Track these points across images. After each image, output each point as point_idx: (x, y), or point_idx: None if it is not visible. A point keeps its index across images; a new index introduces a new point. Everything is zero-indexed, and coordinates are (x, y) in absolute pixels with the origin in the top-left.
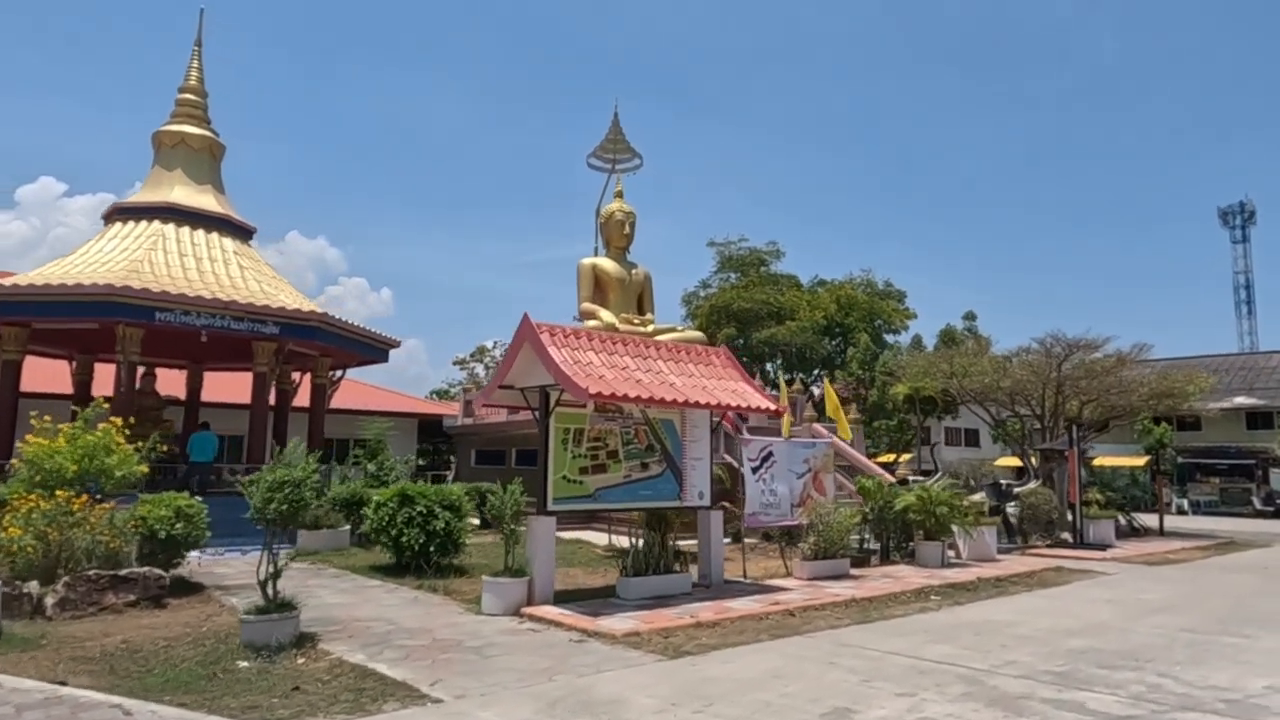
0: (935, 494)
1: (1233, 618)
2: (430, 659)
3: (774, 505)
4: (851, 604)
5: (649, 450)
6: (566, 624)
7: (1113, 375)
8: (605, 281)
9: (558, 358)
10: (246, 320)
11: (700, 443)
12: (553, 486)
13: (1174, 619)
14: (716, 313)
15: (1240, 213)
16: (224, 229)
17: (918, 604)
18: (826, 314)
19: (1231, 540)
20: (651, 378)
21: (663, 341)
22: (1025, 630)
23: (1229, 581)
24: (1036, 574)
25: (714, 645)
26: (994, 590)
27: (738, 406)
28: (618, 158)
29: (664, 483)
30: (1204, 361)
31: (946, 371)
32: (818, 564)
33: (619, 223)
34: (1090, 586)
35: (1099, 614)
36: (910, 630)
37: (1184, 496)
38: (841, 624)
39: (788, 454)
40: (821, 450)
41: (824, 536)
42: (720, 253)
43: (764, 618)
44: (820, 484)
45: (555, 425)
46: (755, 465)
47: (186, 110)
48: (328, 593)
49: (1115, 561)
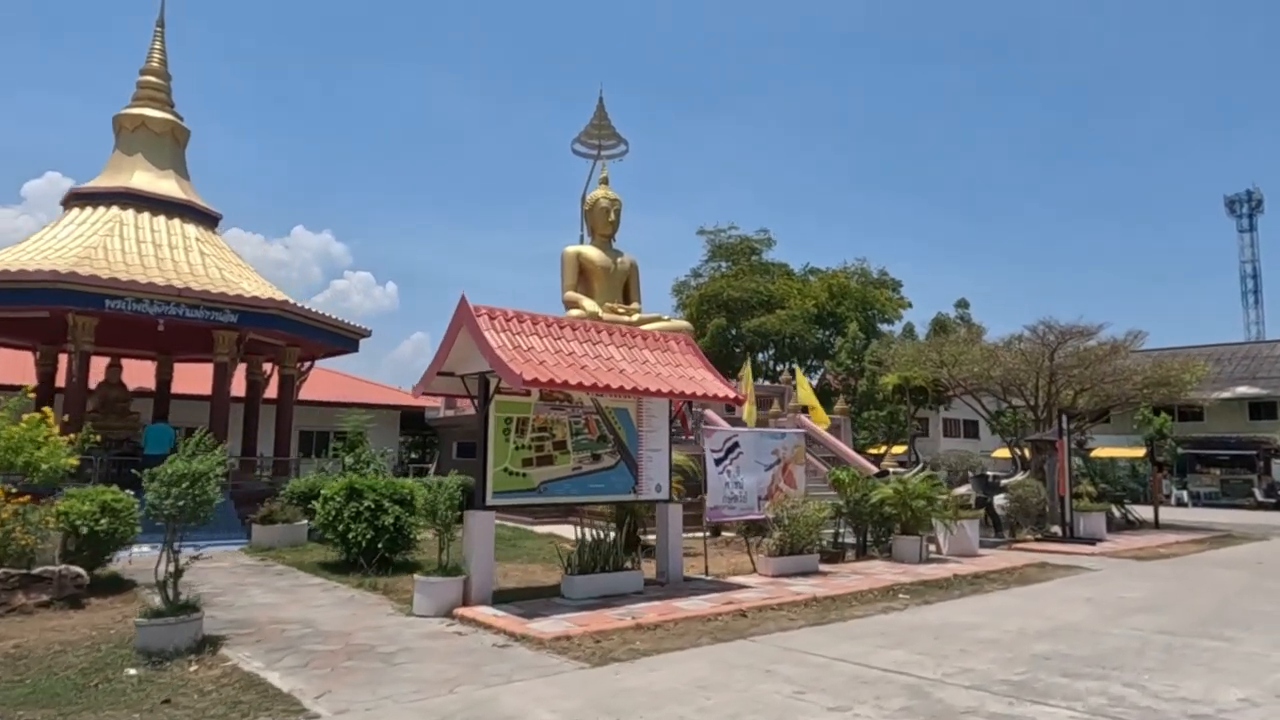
0: (913, 486)
1: (1216, 618)
2: (331, 667)
3: (739, 498)
4: (811, 603)
5: (601, 441)
6: (496, 627)
7: (1107, 363)
8: (590, 270)
9: (494, 342)
10: (202, 308)
11: (658, 433)
12: (492, 479)
13: (1153, 620)
14: (706, 302)
15: (1247, 201)
16: (186, 215)
17: (883, 603)
18: (818, 302)
19: (1228, 533)
20: (599, 364)
21: (617, 326)
22: (990, 633)
23: (1218, 578)
24: (1017, 570)
25: (647, 650)
26: (969, 588)
27: (694, 394)
28: (603, 144)
29: (617, 475)
30: (1206, 351)
31: (936, 360)
32: (783, 560)
33: (604, 210)
34: (1071, 584)
35: (1073, 614)
36: (866, 633)
37: (1184, 488)
38: (794, 626)
39: (755, 444)
40: (792, 441)
41: (790, 531)
42: (710, 241)
43: (712, 619)
44: (791, 476)
45: (496, 414)
46: (719, 456)
47: (148, 93)
48: (261, 591)
49: (1103, 556)
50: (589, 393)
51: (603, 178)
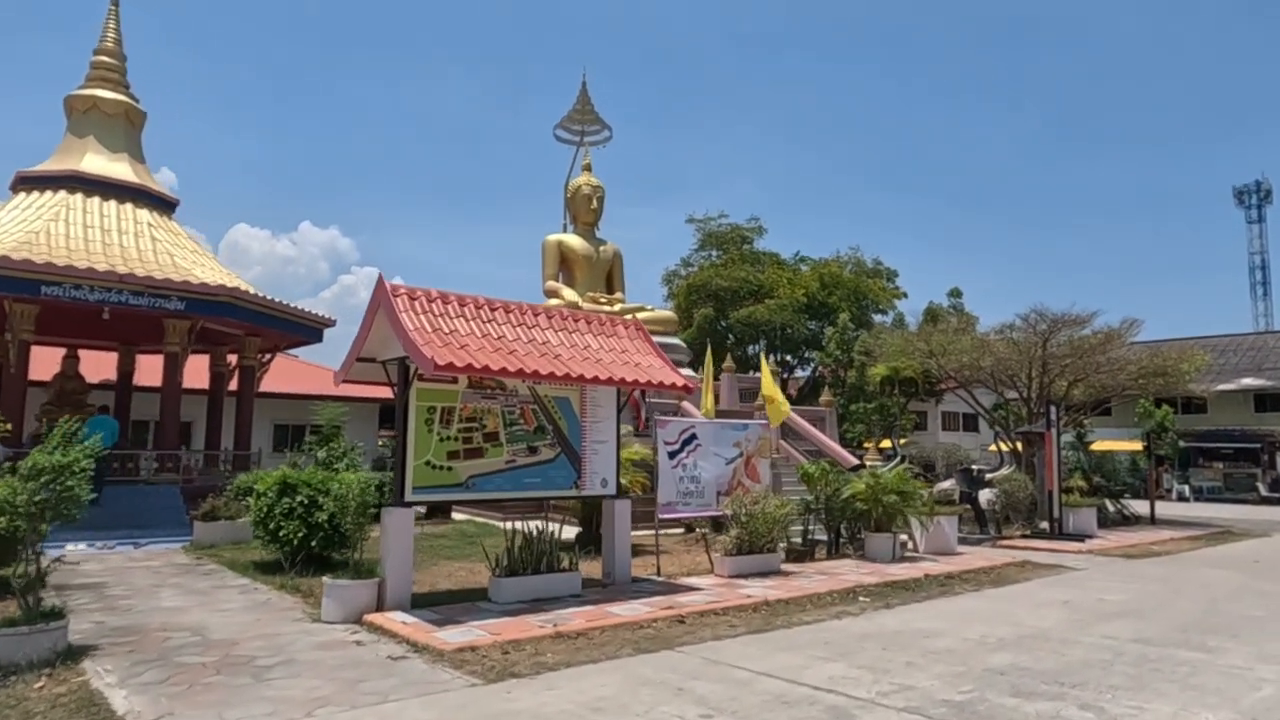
0: (886, 481)
1: (1199, 624)
2: (191, 683)
3: (695, 493)
4: (761, 608)
5: (539, 432)
6: (401, 635)
7: (1101, 353)
8: (571, 259)
9: (409, 324)
10: (147, 295)
11: (605, 424)
12: (412, 474)
13: (1130, 626)
14: (694, 292)
15: (1256, 192)
16: (140, 200)
17: (839, 607)
18: (808, 292)
19: (1228, 529)
20: (531, 349)
21: (559, 310)
22: (946, 642)
23: (1209, 578)
24: (995, 569)
25: (556, 664)
26: (938, 589)
27: (635, 382)
28: (586, 129)
29: (557, 469)
30: (1210, 341)
31: (924, 350)
32: (741, 560)
33: (586, 197)
34: (1049, 585)
35: (1044, 620)
36: (809, 643)
37: (1185, 482)
38: (734, 633)
39: (714, 436)
40: (755, 432)
41: (748, 529)
42: (700, 229)
43: (644, 626)
44: (754, 470)
45: (417, 403)
46: (674, 449)
47: (101, 73)
48: (173, 594)
49: (1090, 555)
50: (514, 379)
51: (585, 164)
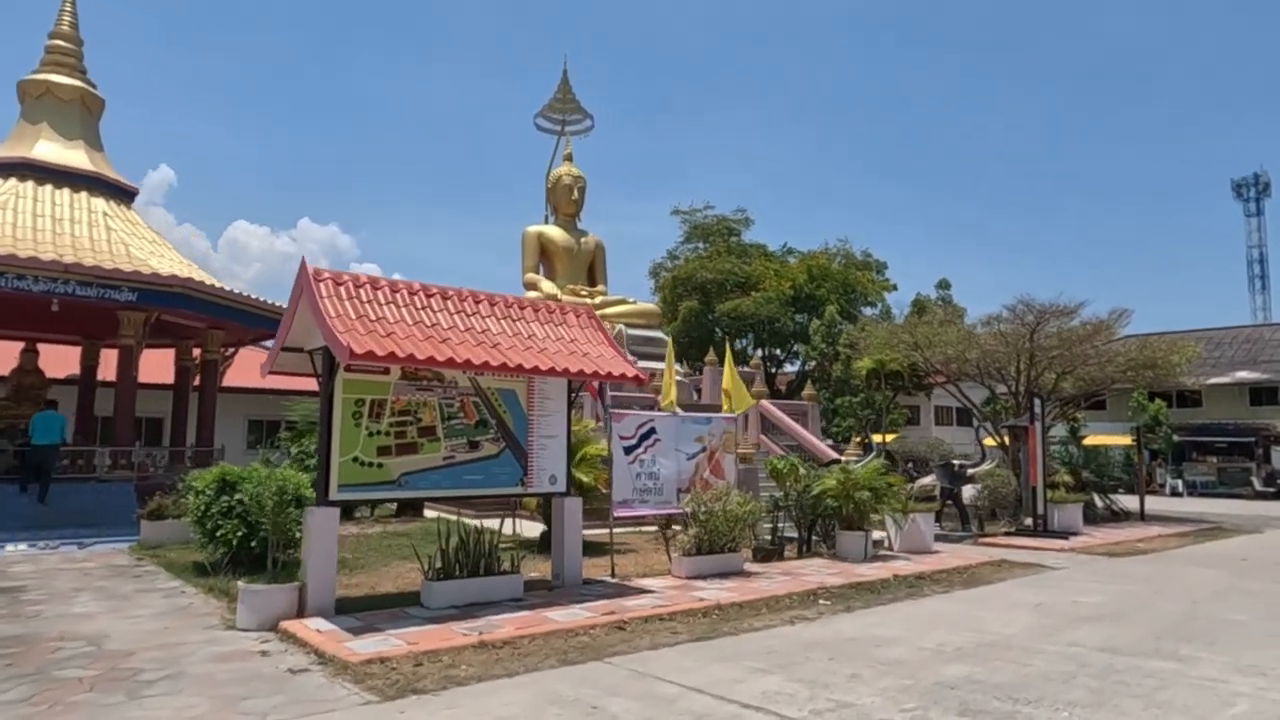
0: (858, 476)
1: (1175, 631)
2: (56, 701)
3: (653, 490)
4: (712, 612)
5: (480, 427)
6: (311, 645)
7: (1089, 344)
8: (552, 250)
9: (331, 310)
10: (96, 285)
11: (554, 417)
12: (338, 471)
13: (1101, 632)
14: (680, 284)
15: (1255, 185)
16: (95, 188)
17: (795, 611)
18: (795, 284)
19: (1219, 525)
20: (467, 337)
21: (504, 297)
22: (901, 651)
23: (1194, 578)
24: (969, 569)
25: (467, 678)
26: (905, 591)
27: (583, 372)
28: (567, 118)
29: (501, 465)
30: (1206, 334)
31: (909, 343)
32: (700, 560)
33: (567, 187)
34: (1023, 586)
35: (1010, 626)
36: (752, 652)
37: (1179, 477)
38: (674, 641)
39: (676, 430)
40: (720, 426)
41: (708, 528)
42: (686, 221)
43: (579, 633)
44: (719, 465)
45: (343, 395)
46: (630, 444)
47: (56, 58)
48: (91, 598)
49: (1072, 553)
50: (444, 368)
51: (566, 154)
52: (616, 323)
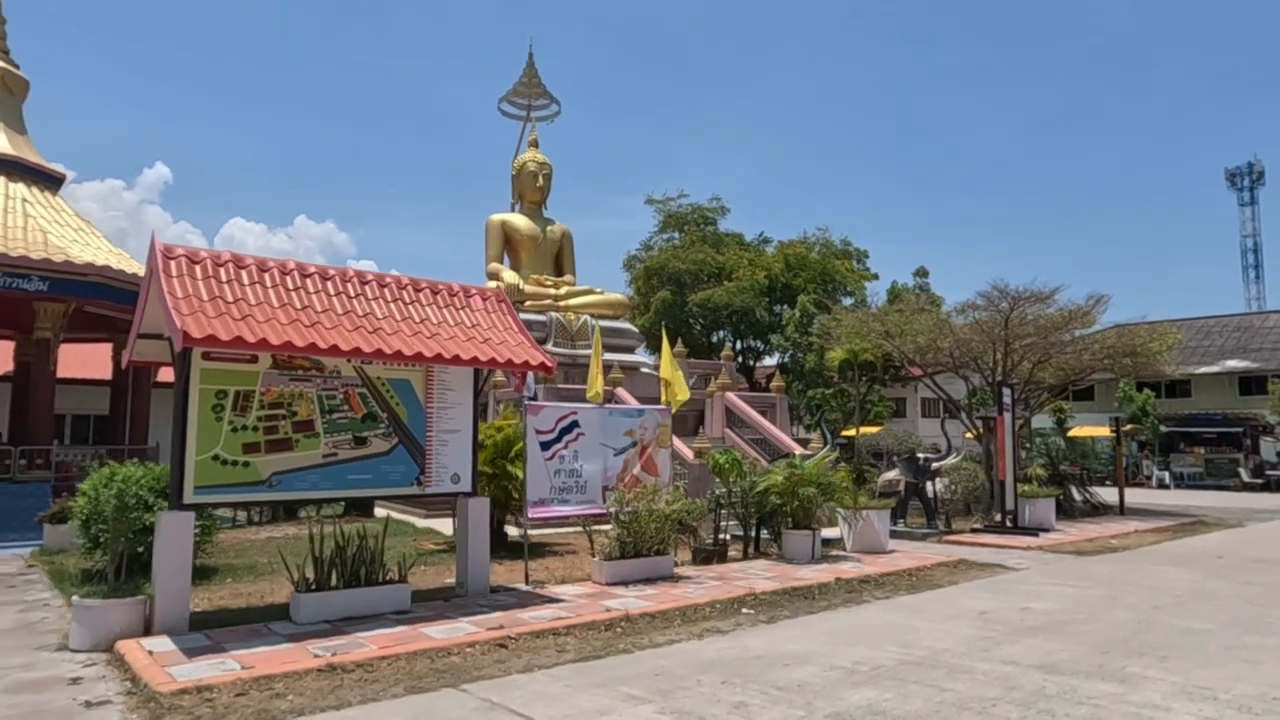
0: (805, 471)
1: (1127, 642)
2: None
3: (575, 489)
4: (617, 624)
5: (369, 421)
6: (135, 670)
7: (1066, 331)
8: (516, 240)
9: (178, 290)
10: (2, 275)
11: (457, 410)
12: (194, 470)
13: (1043, 646)
14: (653, 275)
15: (1248, 174)
16: (14, 173)
17: (711, 623)
18: (770, 274)
19: (1200, 519)
20: (344, 321)
21: (397, 279)
22: (807, 672)
23: (1160, 579)
24: (920, 571)
25: (288, 710)
26: (842, 598)
27: (477, 360)
28: (533, 103)
29: (393, 463)
30: (1195, 323)
31: (880, 331)
32: (623, 565)
33: (532, 174)
34: (975, 590)
35: (944, 639)
36: (637, 674)
37: (1166, 468)
38: (555, 661)
39: (602, 424)
40: (653, 419)
41: (632, 529)
42: (659, 210)
43: (451, 653)
44: (651, 462)
45: (201, 386)
46: (549, 439)
47: None
48: None
49: (1040, 551)
50: (303, 354)
51: (532, 140)
52: (582, 314)
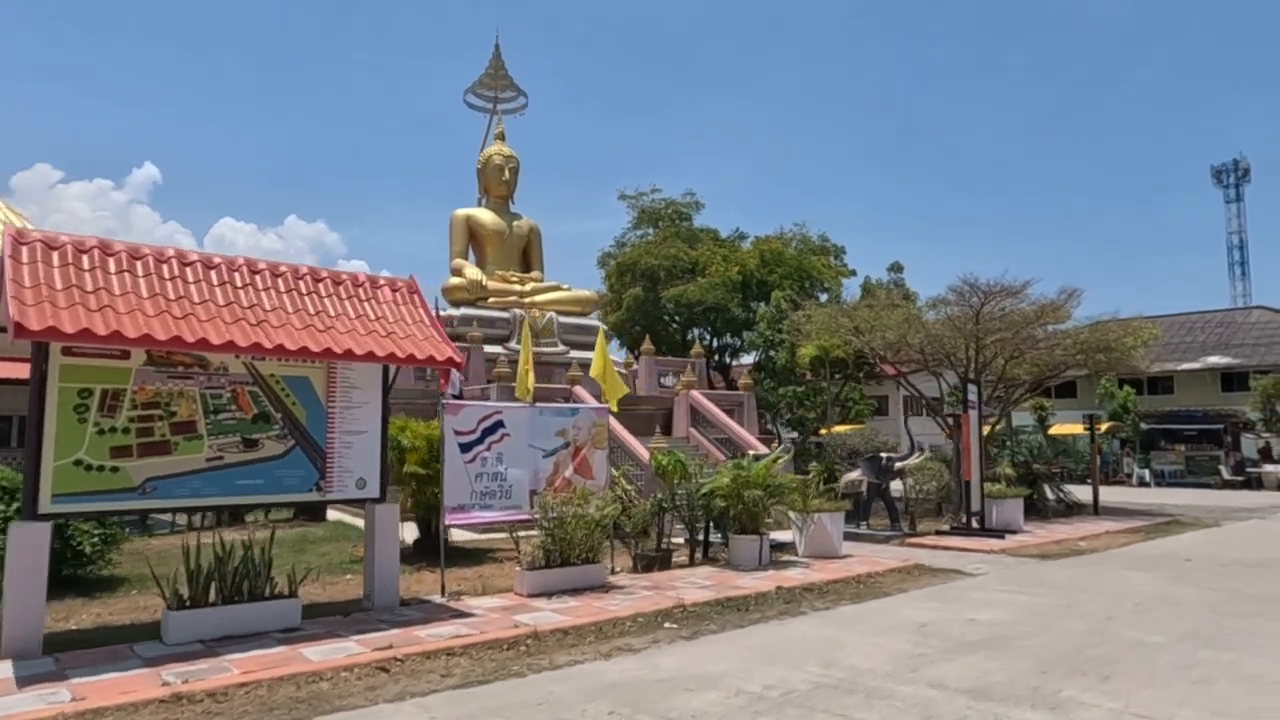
0: (752, 473)
1: (1070, 659)
2: None
3: (499, 493)
4: (521, 643)
5: (261, 421)
6: None
7: (1037, 326)
8: (482, 235)
9: (27, 278)
10: None
11: (364, 410)
12: (53, 477)
13: (979, 665)
14: (626, 271)
15: (1234, 171)
16: None
17: (626, 639)
18: (744, 269)
19: (1176, 519)
20: (224, 313)
21: (294, 268)
22: (708, 699)
23: (1122, 585)
24: (870, 578)
25: None
26: (779, 609)
27: (373, 355)
28: (499, 95)
29: (289, 467)
30: (1178, 319)
31: (848, 327)
32: (547, 575)
33: (497, 168)
34: (922, 599)
35: (872, 657)
36: (518, 703)
37: (1146, 466)
38: (433, 688)
39: (530, 424)
40: (588, 419)
41: (556, 536)
42: (633, 206)
43: (323, 677)
44: (586, 464)
45: (61, 383)
46: (470, 440)
47: None
48: None
49: (1003, 554)
50: (166, 349)
51: (498, 133)
52: (547, 310)
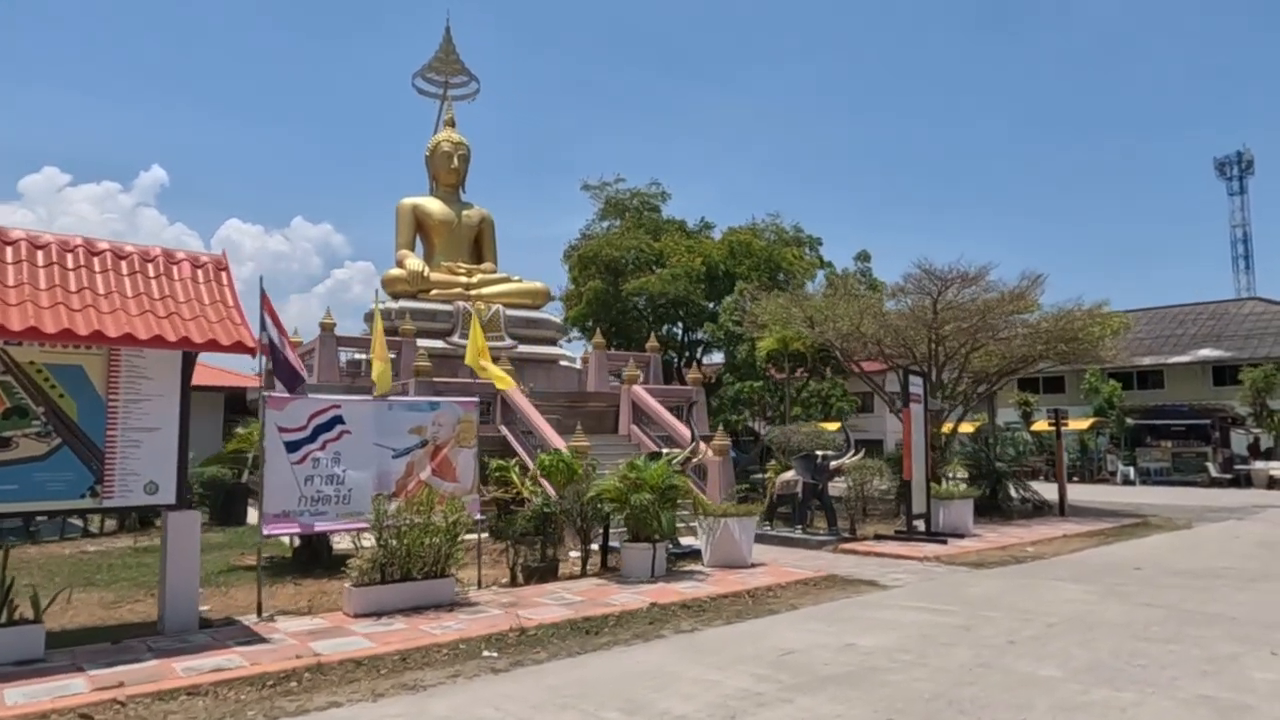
0: (646, 474)
1: (931, 703)
2: None
3: (336, 499)
4: (298, 676)
5: (17, 417)
6: None
7: (996, 315)
8: (429, 225)
9: None
10: None
11: (155, 403)
12: None
13: (814, 712)
14: (587, 263)
15: (1237, 163)
16: None
17: (418, 674)
18: (708, 260)
19: (1146, 520)
20: None
21: (57, 243)
22: None
23: (1045, 600)
24: (769, 592)
25: None
26: (634, 632)
27: (161, 340)
28: (450, 80)
29: (53, 470)
30: (1170, 311)
31: (800, 317)
32: (382, 591)
33: (446, 154)
34: (806, 620)
35: (697, 698)
36: None
37: (1131, 464)
38: None
39: (376, 420)
40: (451, 414)
41: (389, 549)
42: (597, 197)
43: None
44: (449, 465)
45: None
46: (299, 438)
47: None
48: None
49: (936, 561)
50: None
51: (448, 119)
52: (493, 303)
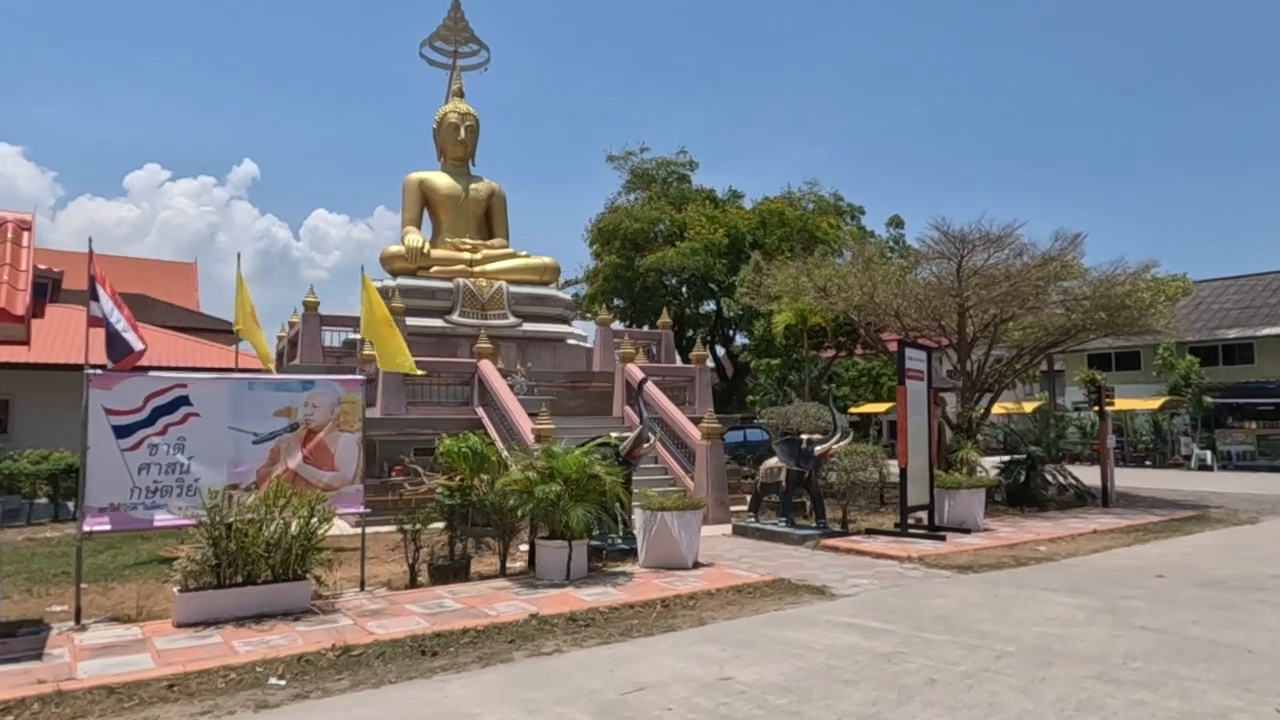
0: (560, 463)
1: None
2: None
3: (179, 490)
4: (29, 705)
5: None
6: None
7: (1025, 281)
8: (435, 200)
9: None
10: None
11: None
12: None
13: None
14: (608, 237)
15: None
16: None
17: (174, 706)
18: (733, 232)
19: (1203, 513)
20: None
21: None
22: None
23: (1019, 620)
24: (688, 600)
25: None
26: (482, 653)
27: None
28: (459, 49)
29: None
30: (1259, 279)
31: (810, 287)
32: (218, 597)
33: (453, 126)
34: (702, 641)
35: None
36: None
37: (1209, 447)
38: None
39: (232, 401)
40: (329, 394)
41: (223, 549)
42: (620, 167)
43: None
44: (325, 452)
45: None
46: (132, 420)
47: None
48: None
49: (920, 563)
50: None
51: (456, 89)
52: (496, 279)
